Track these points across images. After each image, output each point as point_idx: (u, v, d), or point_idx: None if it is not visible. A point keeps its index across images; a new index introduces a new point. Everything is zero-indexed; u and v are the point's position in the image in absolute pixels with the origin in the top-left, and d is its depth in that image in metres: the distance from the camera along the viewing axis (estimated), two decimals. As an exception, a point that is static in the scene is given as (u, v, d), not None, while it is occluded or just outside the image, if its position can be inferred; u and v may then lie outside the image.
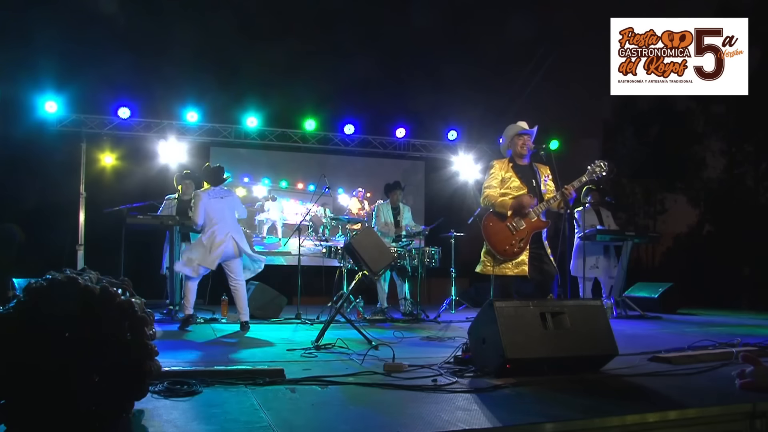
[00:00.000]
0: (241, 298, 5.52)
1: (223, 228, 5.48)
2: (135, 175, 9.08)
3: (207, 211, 5.51)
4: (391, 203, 7.65)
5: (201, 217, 5.51)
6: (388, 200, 7.69)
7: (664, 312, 7.86)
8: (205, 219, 5.52)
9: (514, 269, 4.16)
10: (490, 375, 2.95)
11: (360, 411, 2.33)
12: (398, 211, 7.63)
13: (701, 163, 20.79)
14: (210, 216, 5.51)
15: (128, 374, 2.04)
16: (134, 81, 9.43)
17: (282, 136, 10.27)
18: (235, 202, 5.77)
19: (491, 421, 2.12)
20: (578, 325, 3.09)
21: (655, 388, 2.74)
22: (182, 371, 2.83)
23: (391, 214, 7.61)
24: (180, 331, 5.23)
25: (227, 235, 5.45)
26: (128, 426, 2.05)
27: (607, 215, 7.79)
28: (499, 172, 4.36)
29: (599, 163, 4.32)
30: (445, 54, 11.77)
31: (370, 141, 10.63)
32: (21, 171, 8.40)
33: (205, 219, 5.52)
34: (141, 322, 2.10)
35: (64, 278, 2.03)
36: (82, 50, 8.99)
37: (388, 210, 7.63)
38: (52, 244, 8.55)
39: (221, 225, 5.48)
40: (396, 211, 7.63)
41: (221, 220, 5.51)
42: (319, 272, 7.44)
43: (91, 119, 9.30)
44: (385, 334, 5.05)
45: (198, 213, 5.51)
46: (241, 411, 2.24)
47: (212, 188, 5.65)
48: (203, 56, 10.23)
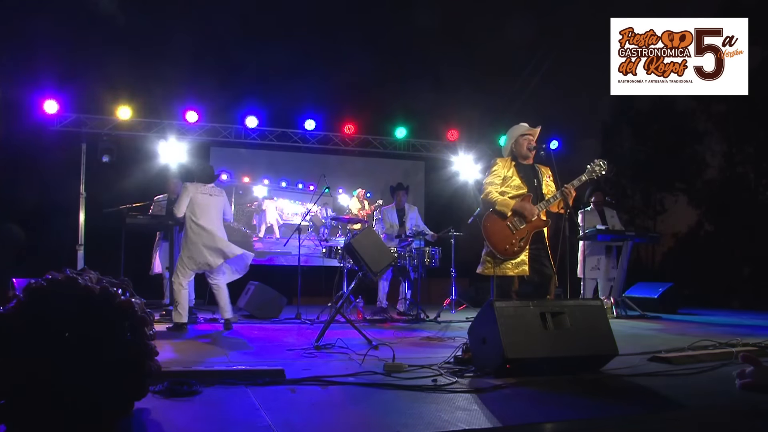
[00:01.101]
0: (223, 297, 5.47)
1: (207, 225, 5.40)
2: (135, 175, 9.07)
3: (192, 204, 5.43)
4: (396, 205, 7.66)
5: (183, 207, 5.42)
6: (393, 203, 7.71)
7: (664, 312, 7.85)
8: (189, 212, 5.43)
9: (514, 269, 4.15)
10: (490, 375, 2.95)
11: (360, 411, 2.33)
12: (403, 212, 7.65)
13: (701, 163, 20.81)
14: (194, 210, 5.42)
15: (128, 374, 2.04)
16: (134, 81, 9.44)
17: (282, 136, 10.27)
18: (224, 202, 5.70)
19: (491, 421, 2.12)
20: (578, 325, 3.09)
21: (655, 388, 2.74)
22: (182, 371, 2.82)
23: (396, 216, 7.62)
24: (177, 332, 5.21)
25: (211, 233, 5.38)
26: (128, 426, 2.05)
27: (612, 215, 7.78)
28: (502, 170, 4.36)
29: (599, 162, 4.32)
30: (446, 54, 11.78)
31: (370, 141, 10.62)
32: (21, 171, 8.40)
33: (189, 212, 5.43)
34: (141, 322, 2.10)
35: (64, 278, 2.03)
36: (82, 50, 9.00)
37: (393, 213, 7.64)
38: (52, 244, 8.55)
39: (205, 221, 5.41)
40: (401, 212, 7.64)
41: (205, 217, 5.43)
42: (319, 272, 7.44)
43: (91, 119, 9.30)
44: (385, 334, 5.06)
45: (182, 202, 5.42)
46: (240, 411, 2.23)
47: (203, 185, 5.58)
48: (203, 56, 10.25)
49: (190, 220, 5.43)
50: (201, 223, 5.41)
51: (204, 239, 5.39)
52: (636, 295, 8.17)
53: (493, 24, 12.54)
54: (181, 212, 5.45)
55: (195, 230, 5.41)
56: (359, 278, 4.79)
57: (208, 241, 5.40)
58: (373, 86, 10.83)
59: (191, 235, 5.41)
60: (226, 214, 5.74)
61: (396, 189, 7.66)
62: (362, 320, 6.45)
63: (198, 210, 5.43)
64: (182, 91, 9.64)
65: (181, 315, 5.32)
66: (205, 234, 5.40)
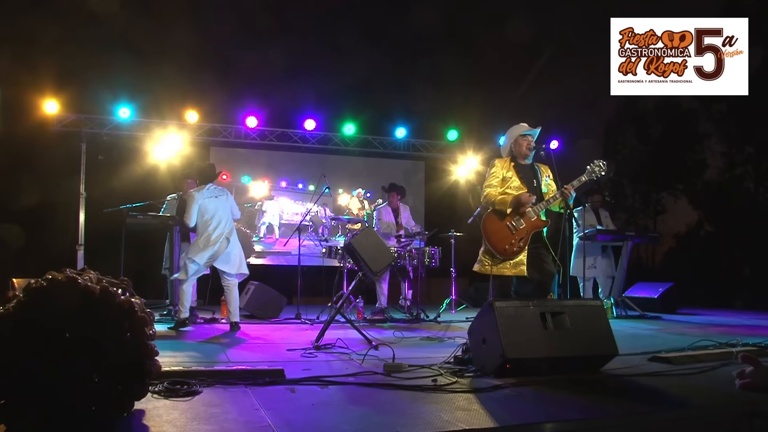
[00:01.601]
0: (233, 300, 5.50)
1: (218, 228, 5.44)
2: (135, 175, 9.08)
3: (201, 212, 5.46)
4: (390, 205, 7.66)
5: (193, 218, 5.46)
6: (386, 202, 7.70)
7: (664, 312, 7.85)
8: (199, 219, 5.46)
9: (512, 269, 4.15)
10: (490, 375, 2.95)
11: (360, 411, 2.33)
12: (397, 212, 7.65)
13: (701, 164, 20.81)
14: (204, 216, 5.45)
15: (128, 374, 2.04)
16: (134, 81, 9.44)
17: (282, 136, 10.26)
18: (230, 201, 5.71)
19: (491, 421, 2.12)
20: (578, 325, 3.09)
21: (655, 388, 2.74)
22: (182, 371, 2.82)
23: (392, 215, 7.63)
24: (176, 332, 5.22)
25: (221, 236, 5.42)
26: (128, 426, 2.04)
27: (606, 215, 7.78)
28: (500, 171, 4.36)
29: (598, 163, 4.32)
30: (446, 54, 11.79)
31: (370, 141, 10.63)
32: (21, 171, 8.41)
33: (199, 219, 5.46)
34: (141, 322, 2.10)
35: (64, 278, 2.03)
36: (82, 50, 9.00)
37: (388, 212, 7.64)
38: (52, 244, 8.55)
39: (215, 225, 5.44)
40: (396, 212, 7.65)
41: (216, 220, 5.46)
42: (319, 272, 7.43)
43: (91, 119, 9.30)
44: (385, 334, 5.05)
45: (191, 214, 5.46)
46: (241, 411, 2.23)
47: (206, 188, 5.59)
48: (203, 56, 10.26)
49: (203, 227, 5.45)
50: (213, 228, 5.44)
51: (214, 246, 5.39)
52: (636, 295, 8.16)
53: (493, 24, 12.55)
54: (193, 221, 5.48)
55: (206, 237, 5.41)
56: (359, 278, 4.79)
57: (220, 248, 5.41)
58: (373, 86, 10.83)
59: (200, 241, 5.41)
60: (234, 212, 5.75)
61: (389, 189, 7.67)
62: (362, 320, 6.45)
63: (209, 216, 5.46)
64: (182, 91, 9.66)
65: (181, 311, 5.40)
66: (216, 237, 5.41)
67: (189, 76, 9.75)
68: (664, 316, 7.44)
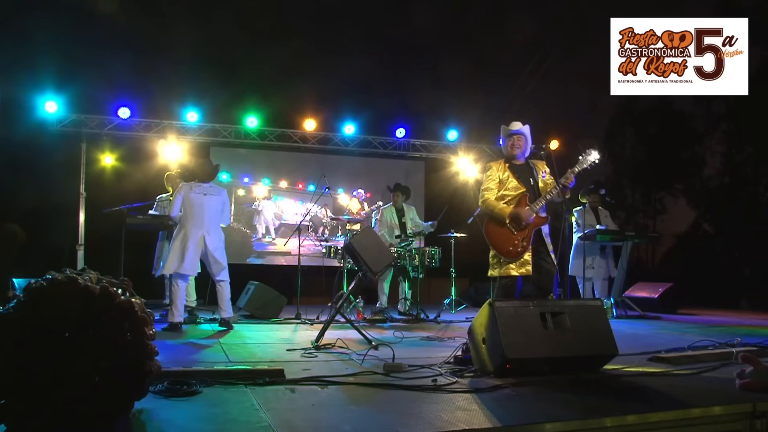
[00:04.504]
0: (223, 296, 5.37)
1: (198, 227, 5.25)
2: (135, 175, 9.08)
3: (185, 205, 5.30)
4: (394, 205, 7.65)
5: (175, 209, 5.30)
6: (391, 203, 7.69)
7: (664, 312, 7.85)
8: (180, 213, 5.31)
9: (518, 269, 4.17)
10: (490, 375, 2.95)
11: (360, 411, 2.32)
12: (402, 212, 7.64)
13: (701, 164, 20.81)
14: (186, 210, 5.29)
15: (128, 374, 2.03)
16: (134, 81, 9.46)
17: (282, 136, 10.26)
18: (222, 203, 5.49)
19: (491, 421, 2.11)
20: (578, 325, 3.09)
21: (655, 388, 2.74)
22: (182, 371, 2.82)
23: (396, 216, 7.61)
24: (175, 332, 5.20)
25: (200, 233, 5.25)
26: (128, 426, 2.04)
27: (605, 215, 7.78)
28: (496, 173, 4.38)
29: (589, 150, 4.34)
30: (446, 54, 11.79)
31: (370, 141, 10.62)
32: (21, 171, 8.41)
33: (180, 213, 5.31)
34: (141, 322, 2.10)
35: (64, 278, 2.03)
36: (82, 50, 9.01)
37: (392, 212, 7.63)
38: (52, 244, 8.55)
39: (196, 222, 5.26)
40: (400, 213, 7.64)
41: (197, 218, 5.27)
42: (319, 272, 7.43)
43: (91, 119, 9.29)
44: (385, 334, 5.05)
45: (174, 204, 5.31)
46: (241, 411, 2.23)
47: (199, 184, 5.43)
48: (203, 56, 10.26)
49: (182, 223, 5.29)
50: (192, 225, 5.26)
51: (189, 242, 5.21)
52: (636, 295, 8.16)
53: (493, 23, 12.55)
54: (174, 212, 5.35)
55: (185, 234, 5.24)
56: (359, 278, 4.79)
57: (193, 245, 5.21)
58: (373, 86, 10.84)
59: (178, 236, 5.27)
60: (224, 216, 5.56)
61: (394, 189, 7.66)
62: (362, 320, 6.45)
63: (191, 211, 5.28)
64: (182, 91, 9.66)
65: (174, 314, 5.24)
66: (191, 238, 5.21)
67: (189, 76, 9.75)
68: (664, 316, 7.44)
